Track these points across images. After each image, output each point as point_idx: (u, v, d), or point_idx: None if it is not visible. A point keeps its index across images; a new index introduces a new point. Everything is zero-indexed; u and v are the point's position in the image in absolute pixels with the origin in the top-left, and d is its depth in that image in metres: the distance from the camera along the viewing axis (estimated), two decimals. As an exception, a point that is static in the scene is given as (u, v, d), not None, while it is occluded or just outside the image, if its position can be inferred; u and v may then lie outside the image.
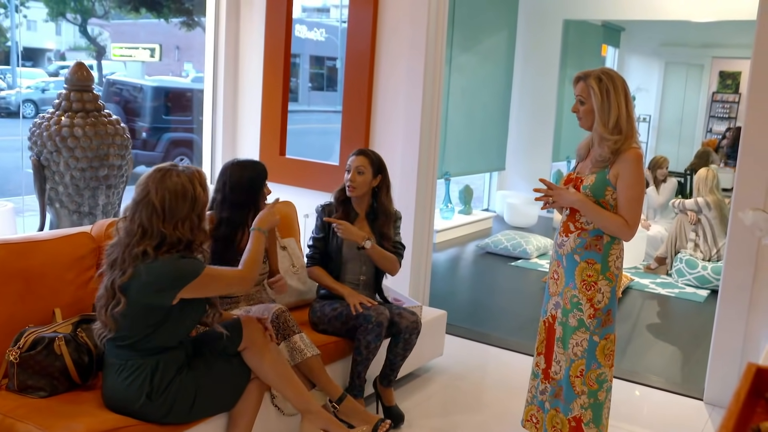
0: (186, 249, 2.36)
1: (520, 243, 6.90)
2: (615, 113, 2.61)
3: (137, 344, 2.38)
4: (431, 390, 3.78)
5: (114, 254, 2.36)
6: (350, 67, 4.61)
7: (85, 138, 3.54)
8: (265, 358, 2.58)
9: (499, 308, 5.50)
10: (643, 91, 12.21)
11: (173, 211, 2.31)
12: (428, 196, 4.49)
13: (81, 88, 3.64)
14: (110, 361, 2.43)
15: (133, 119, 9.45)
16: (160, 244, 2.31)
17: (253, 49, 5.10)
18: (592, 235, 2.71)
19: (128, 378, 2.36)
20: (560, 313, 2.80)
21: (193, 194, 2.35)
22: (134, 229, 2.32)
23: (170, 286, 2.31)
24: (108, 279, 2.35)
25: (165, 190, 2.31)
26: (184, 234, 2.33)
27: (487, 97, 8.51)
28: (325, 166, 4.91)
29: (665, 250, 6.54)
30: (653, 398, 3.88)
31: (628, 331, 5.00)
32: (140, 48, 13.80)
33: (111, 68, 13.54)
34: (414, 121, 4.36)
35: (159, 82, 11.13)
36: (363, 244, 3.23)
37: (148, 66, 14.09)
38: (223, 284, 2.43)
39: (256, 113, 5.14)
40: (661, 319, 5.48)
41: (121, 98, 9.62)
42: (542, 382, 2.90)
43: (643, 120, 12.15)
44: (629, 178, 2.63)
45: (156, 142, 9.42)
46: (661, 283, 6.26)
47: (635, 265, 6.68)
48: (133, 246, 2.30)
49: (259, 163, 3.14)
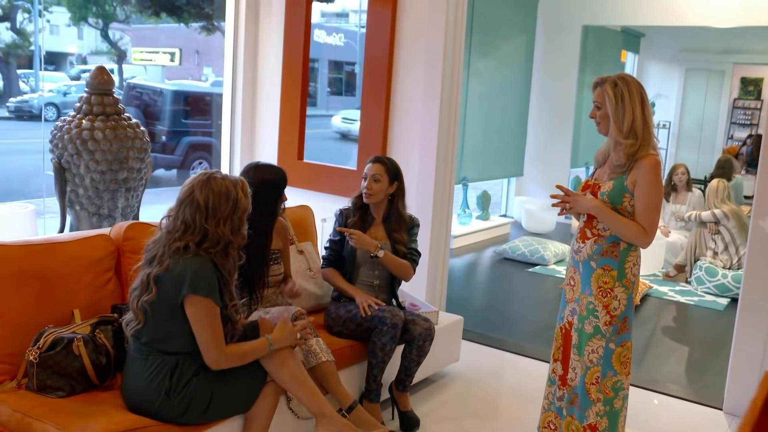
0: (224, 250, 2.41)
1: (538, 249, 6.87)
2: (629, 117, 2.61)
3: (157, 343, 2.41)
4: (446, 395, 3.77)
5: (154, 250, 2.43)
6: (368, 72, 4.62)
7: (105, 141, 3.57)
8: (280, 361, 2.58)
9: (515, 314, 5.48)
10: (663, 97, 12.12)
11: (216, 209, 2.39)
12: (445, 201, 4.48)
13: (102, 91, 3.67)
14: (133, 356, 2.46)
15: (153, 123, 9.54)
16: (201, 241, 2.38)
17: (272, 54, 5.13)
18: (609, 242, 2.70)
19: (150, 374, 2.40)
20: (576, 319, 2.79)
21: (235, 197, 2.44)
22: (177, 226, 2.40)
23: (184, 284, 2.34)
24: (144, 272, 2.42)
25: (209, 190, 2.40)
26: (225, 233, 2.40)
27: (505, 102, 8.49)
28: (342, 171, 4.92)
29: (685, 257, 6.49)
30: (671, 407, 3.85)
31: (647, 338, 4.96)
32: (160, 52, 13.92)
33: (131, 72, 13.66)
34: (431, 127, 4.35)
35: (178, 86, 11.24)
36: (376, 253, 3.27)
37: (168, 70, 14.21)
38: (207, 333, 2.38)
39: (274, 117, 5.16)
40: (680, 327, 5.43)
41: (141, 102, 9.72)
42: (559, 389, 2.89)
43: (663, 126, 12.06)
44: (647, 184, 2.62)
45: (175, 145, 9.50)
46: (680, 290, 6.21)
47: (654, 273, 6.64)
48: (175, 241, 2.38)
49: (281, 168, 3.16)
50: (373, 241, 3.28)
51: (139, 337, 2.43)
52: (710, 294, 6.09)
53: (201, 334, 2.39)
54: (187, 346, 2.42)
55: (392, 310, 3.15)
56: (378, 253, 3.27)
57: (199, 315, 2.37)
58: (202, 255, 2.38)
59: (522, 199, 8.94)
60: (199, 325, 2.39)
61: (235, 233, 2.45)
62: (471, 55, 7.58)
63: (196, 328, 2.39)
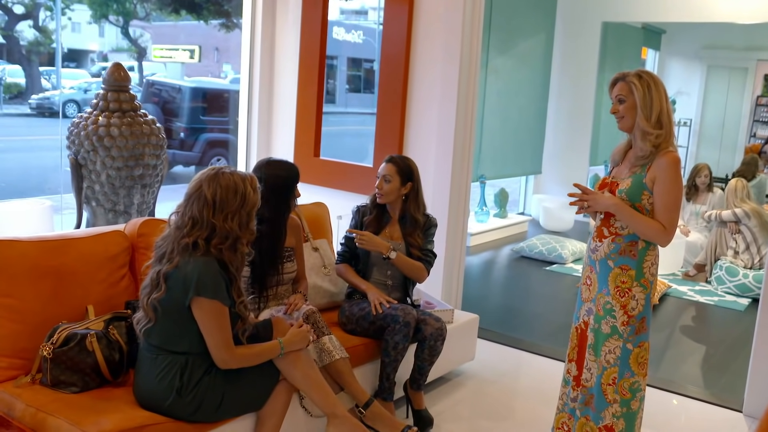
0: (233, 245, 2.40)
1: (556, 247, 6.82)
2: (657, 107, 2.59)
3: (167, 344, 2.40)
4: (461, 394, 3.75)
5: (163, 247, 2.42)
6: (385, 70, 4.61)
7: (121, 137, 3.59)
8: (293, 360, 2.58)
9: (532, 313, 5.44)
10: (684, 94, 11.96)
11: (224, 203, 2.38)
12: (462, 199, 4.45)
13: (118, 88, 3.69)
14: (144, 355, 2.46)
15: (172, 119, 9.59)
16: (210, 236, 2.36)
17: (289, 51, 5.13)
18: (627, 241, 2.67)
19: (160, 373, 2.39)
20: (593, 319, 2.75)
21: (243, 191, 2.42)
22: (185, 222, 2.39)
23: (191, 286, 2.33)
24: (154, 270, 2.41)
25: (217, 184, 2.39)
26: (233, 228, 2.39)
27: (523, 100, 8.44)
28: (358, 168, 4.91)
29: (705, 256, 6.41)
30: (690, 409, 3.79)
31: (665, 339, 4.90)
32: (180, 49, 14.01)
33: (151, 69, 13.75)
34: (448, 124, 4.33)
35: (197, 83, 11.30)
36: (388, 254, 3.26)
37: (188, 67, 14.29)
38: (216, 335, 2.38)
39: (291, 114, 5.16)
40: (700, 328, 5.37)
41: (160, 99, 9.78)
42: (573, 390, 2.86)
43: (684, 124, 11.90)
44: (667, 182, 2.59)
45: (193, 142, 9.54)
46: (700, 290, 6.13)
47: (673, 272, 6.57)
48: (183, 237, 2.36)
49: (293, 164, 3.15)
50: (384, 242, 3.28)
51: (149, 337, 2.43)
52: (731, 294, 6.01)
53: (209, 335, 2.39)
54: (197, 346, 2.42)
55: (404, 309, 3.14)
56: (390, 254, 3.26)
57: (206, 317, 2.37)
58: (211, 253, 2.37)
59: (540, 197, 8.88)
60: (207, 327, 2.38)
61: (244, 228, 2.43)
62: (489, 53, 7.53)
63: (205, 329, 2.38)
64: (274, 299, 3.14)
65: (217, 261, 2.40)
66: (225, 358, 2.41)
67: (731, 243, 6.21)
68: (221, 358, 2.40)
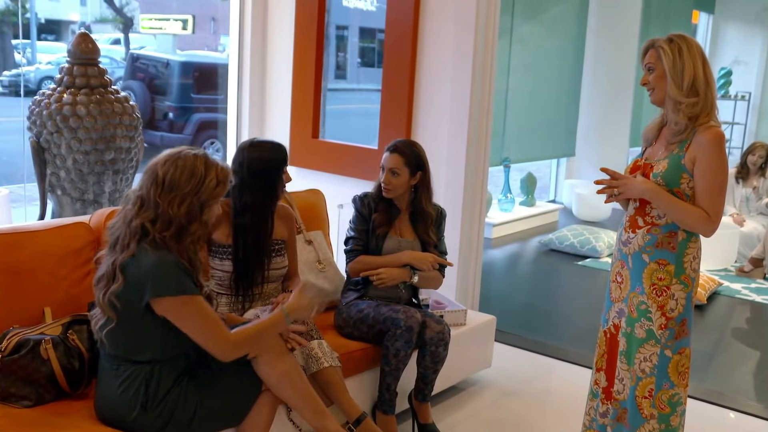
0: (177, 235, 2.34)
1: (589, 239, 6.78)
2: (690, 73, 2.53)
3: (129, 353, 2.37)
4: (475, 406, 3.71)
5: (116, 231, 2.38)
6: (390, 41, 4.55)
7: (89, 117, 3.57)
8: (278, 368, 2.54)
9: (560, 314, 5.41)
10: (742, 64, 11.78)
11: (174, 184, 2.33)
12: (478, 186, 4.39)
13: (85, 61, 3.67)
14: (103, 365, 2.43)
15: (159, 98, 9.58)
16: (155, 219, 2.32)
17: (284, 19, 5.07)
18: (665, 231, 2.62)
19: (122, 384, 2.36)
20: (624, 322, 2.72)
21: (202, 178, 2.36)
22: (135, 200, 2.36)
23: (146, 288, 2.28)
24: (109, 258, 2.36)
25: (174, 164, 2.35)
26: (178, 214, 2.33)
27: (554, 72, 8.39)
28: (363, 150, 4.85)
29: (763, 249, 6.36)
30: (745, 426, 3.72)
31: (714, 344, 4.84)
32: (171, 20, 13.97)
33: (140, 42, 13.75)
34: (462, 101, 4.25)
35: (188, 57, 11.29)
36: (411, 281, 3.31)
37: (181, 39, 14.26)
38: (204, 329, 2.34)
39: (287, 91, 5.11)
40: (756, 331, 5.31)
41: (146, 75, 9.76)
42: (603, 403, 2.83)
43: (742, 98, 11.72)
44: (709, 162, 2.53)
45: (184, 123, 9.53)
46: (757, 288, 6.07)
47: (725, 267, 6.52)
48: (132, 218, 2.33)
49: (280, 145, 3.10)
50: (402, 272, 3.29)
51: (108, 344, 2.38)
52: (791, 292, 5.94)
53: (193, 332, 2.35)
54: (162, 353, 2.37)
55: (407, 311, 3.11)
56: (413, 280, 3.31)
57: (181, 315, 2.32)
58: (164, 245, 2.32)
59: (573, 182, 8.87)
60: (188, 325, 2.34)
61: (193, 219, 2.36)
62: (514, 20, 7.47)
63: (189, 329, 2.34)
64: (260, 299, 3.10)
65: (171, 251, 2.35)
66: (224, 349, 2.37)
67: (792, 234, 6.13)
68: (220, 351, 2.37)
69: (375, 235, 3.32)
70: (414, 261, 3.28)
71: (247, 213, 2.97)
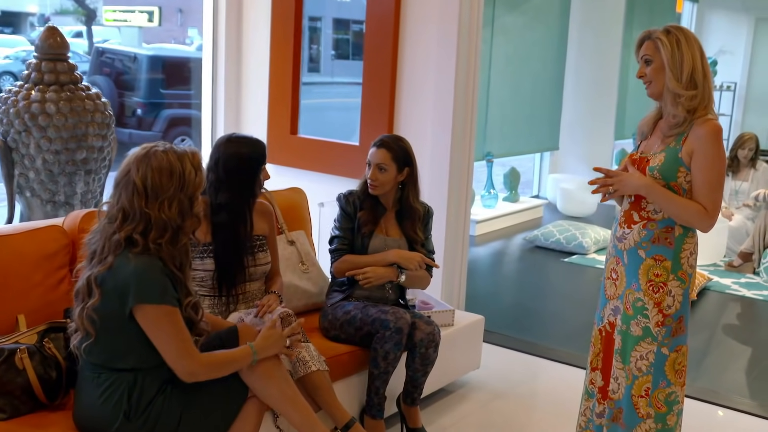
0: (173, 237, 2.33)
1: (575, 235, 6.81)
2: (689, 65, 2.55)
3: (110, 361, 2.35)
4: (465, 409, 3.72)
5: (94, 245, 2.36)
6: (371, 32, 4.55)
7: (59, 115, 3.54)
8: (265, 373, 2.53)
9: (548, 312, 5.44)
10: (728, 54, 11.90)
11: (157, 189, 2.30)
12: (463, 182, 4.40)
13: (54, 56, 3.64)
14: (85, 374, 2.41)
15: (126, 94, 9.51)
16: (146, 230, 2.30)
17: (260, 9, 5.04)
18: (662, 226, 2.64)
19: (104, 393, 2.34)
20: (620, 319, 2.73)
21: (181, 172, 2.34)
22: (114, 214, 2.32)
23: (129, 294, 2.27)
24: (86, 273, 2.34)
25: (147, 167, 2.31)
26: (172, 217, 2.32)
27: (537, 64, 8.42)
28: (343, 147, 4.85)
29: (751, 244, 6.41)
30: (737, 424, 3.77)
31: (705, 341, 4.89)
32: (136, 11, 13.85)
33: (103, 35, 13.63)
34: (446, 94, 4.27)
35: (157, 50, 11.20)
36: (398, 280, 3.32)
37: (147, 32, 14.15)
38: (173, 343, 2.32)
39: (263, 86, 5.09)
40: (747, 327, 5.37)
41: (112, 70, 9.69)
42: (599, 403, 2.84)
43: (727, 89, 11.86)
44: (707, 156, 2.55)
45: (153, 119, 9.48)
46: (747, 283, 6.13)
47: (714, 262, 6.58)
48: (114, 232, 2.30)
49: (258, 141, 3.10)
50: (389, 271, 3.29)
51: (89, 354, 2.36)
52: (782, 287, 6.01)
53: (165, 345, 2.32)
54: (146, 361, 2.36)
55: (396, 312, 3.11)
56: (400, 279, 3.32)
57: (157, 325, 2.31)
58: (150, 250, 2.30)
59: (557, 177, 8.90)
60: (161, 337, 2.32)
61: (186, 215, 2.36)
62: (495, 9, 7.49)
63: (158, 340, 2.32)
64: (243, 300, 3.09)
65: (159, 258, 2.34)
66: (189, 368, 2.35)
67: (783, 227, 6.20)
68: (186, 370, 2.35)
69: (360, 233, 3.33)
70: (401, 260, 3.29)
71: (223, 212, 2.99)
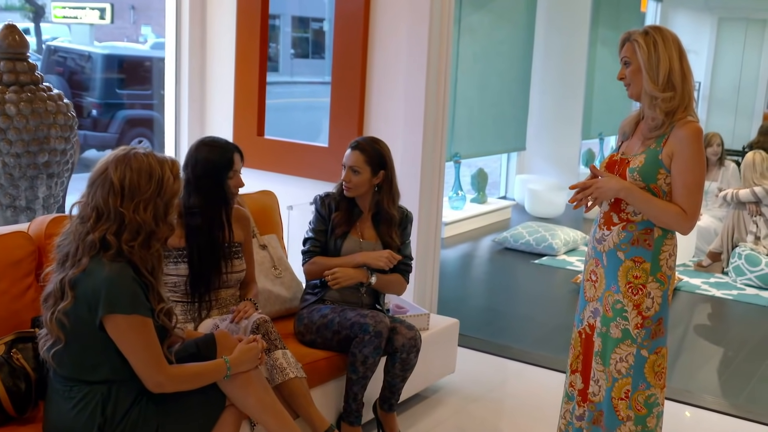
0: (146, 241, 2.32)
1: (545, 237, 6.87)
2: (665, 66, 2.59)
3: (82, 374, 2.33)
4: (441, 414, 3.74)
5: (66, 246, 2.34)
6: (340, 31, 4.55)
7: (19, 117, 3.50)
8: (243, 381, 2.53)
9: (520, 315, 5.47)
10: (692, 53, 11.98)
11: (134, 190, 2.30)
12: (435, 183, 4.43)
13: (13, 56, 3.59)
14: (54, 387, 2.38)
15: (81, 94, 9.41)
16: (119, 231, 2.29)
17: (224, 8, 5.03)
18: (641, 228, 2.67)
19: (77, 405, 2.32)
20: (599, 322, 2.76)
21: (160, 177, 2.35)
22: (88, 213, 2.31)
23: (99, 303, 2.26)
24: (57, 276, 2.33)
25: (127, 167, 2.31)
26: (146, 220, 2.31)
27: (503, 63, 8.46)
28: (311, 148, 4.85)
29: (720, 243, 6.51)
30: (709, 423, 3.84)
31: (677, 341, 4.96)
32: (87, 8, 13.68)
33: (52, 33, 13.43)
34: (417, 95, 4.29)
35: (111, 49, 11.09)
36: (369, 282, 3.33)
37: (98, 30, 13.99)
38: (142, 353, 2.31)
39: (228, 86, 5.07)
40: (717, 327, 5.46)
41: (66, 69, 9.60)
42: (579, 406, 2.87)
43: (692, 88, 12.06)
44: (688, 158, 2.59)
45: (109, 121, 9.41)
46: (716, 283, 6.23)
47: (684, 262, 6.65)
48: (88, 232, 2.29)
49: (228, 147, 3.10)
50: (359, 272, 3.31)
51: (59, 366, 2.34)
52: (752, 287, 6.11)
53: (134, 356, 2.31)
54: (119, 372, 2.34)
55: (376, 316, 3.12)
56: (371, 280, 3.32)
57: (126, 335, 2.29)
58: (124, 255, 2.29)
59: (524, 177, 8.95)
60: (130, 347, 2.31)
61: (160, 221, 2.35)
62: (462, 8, 7.52)
63: (127, 350, 2.31)
64: (217, 306, 3.08)
65: (130, 264, 2.32)
66: (157, 380, 2.34)
67: (751, 227, 6.31)
68: (154, 381, 2.34)
69: (333, 235, 3.34)
70: (369, 260, 3.30)
71: (196, 215, 2.99)
